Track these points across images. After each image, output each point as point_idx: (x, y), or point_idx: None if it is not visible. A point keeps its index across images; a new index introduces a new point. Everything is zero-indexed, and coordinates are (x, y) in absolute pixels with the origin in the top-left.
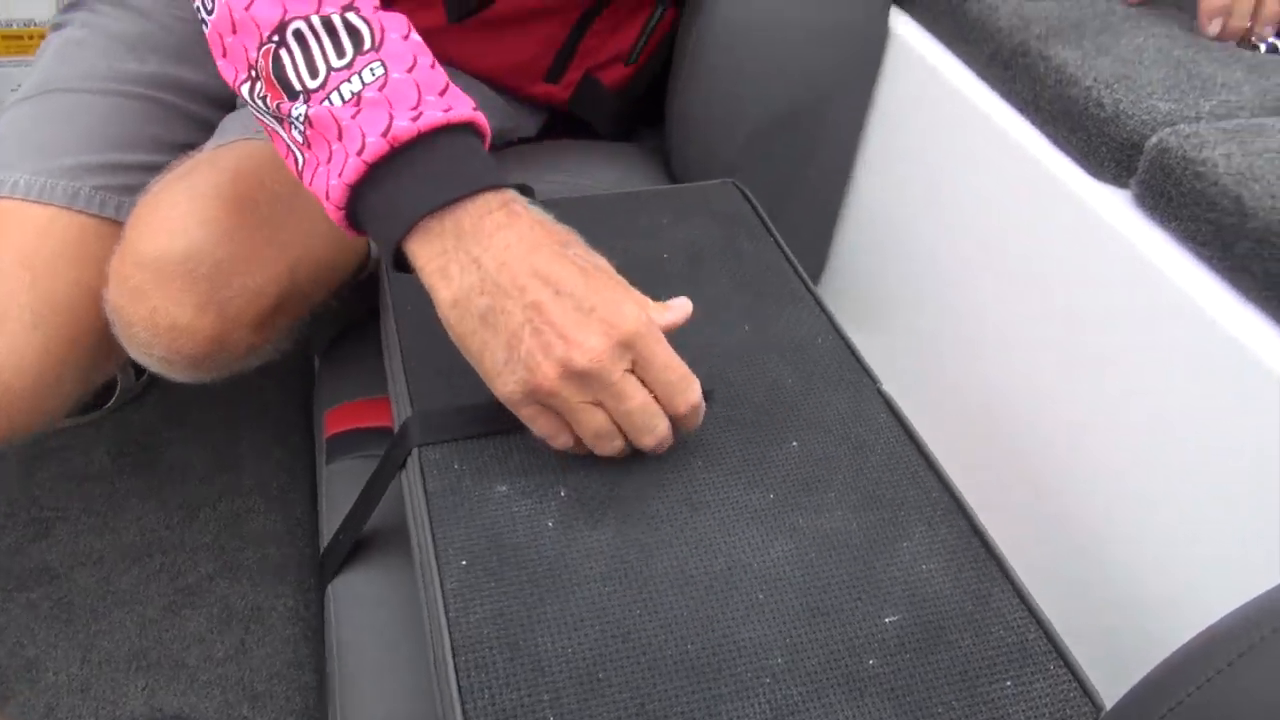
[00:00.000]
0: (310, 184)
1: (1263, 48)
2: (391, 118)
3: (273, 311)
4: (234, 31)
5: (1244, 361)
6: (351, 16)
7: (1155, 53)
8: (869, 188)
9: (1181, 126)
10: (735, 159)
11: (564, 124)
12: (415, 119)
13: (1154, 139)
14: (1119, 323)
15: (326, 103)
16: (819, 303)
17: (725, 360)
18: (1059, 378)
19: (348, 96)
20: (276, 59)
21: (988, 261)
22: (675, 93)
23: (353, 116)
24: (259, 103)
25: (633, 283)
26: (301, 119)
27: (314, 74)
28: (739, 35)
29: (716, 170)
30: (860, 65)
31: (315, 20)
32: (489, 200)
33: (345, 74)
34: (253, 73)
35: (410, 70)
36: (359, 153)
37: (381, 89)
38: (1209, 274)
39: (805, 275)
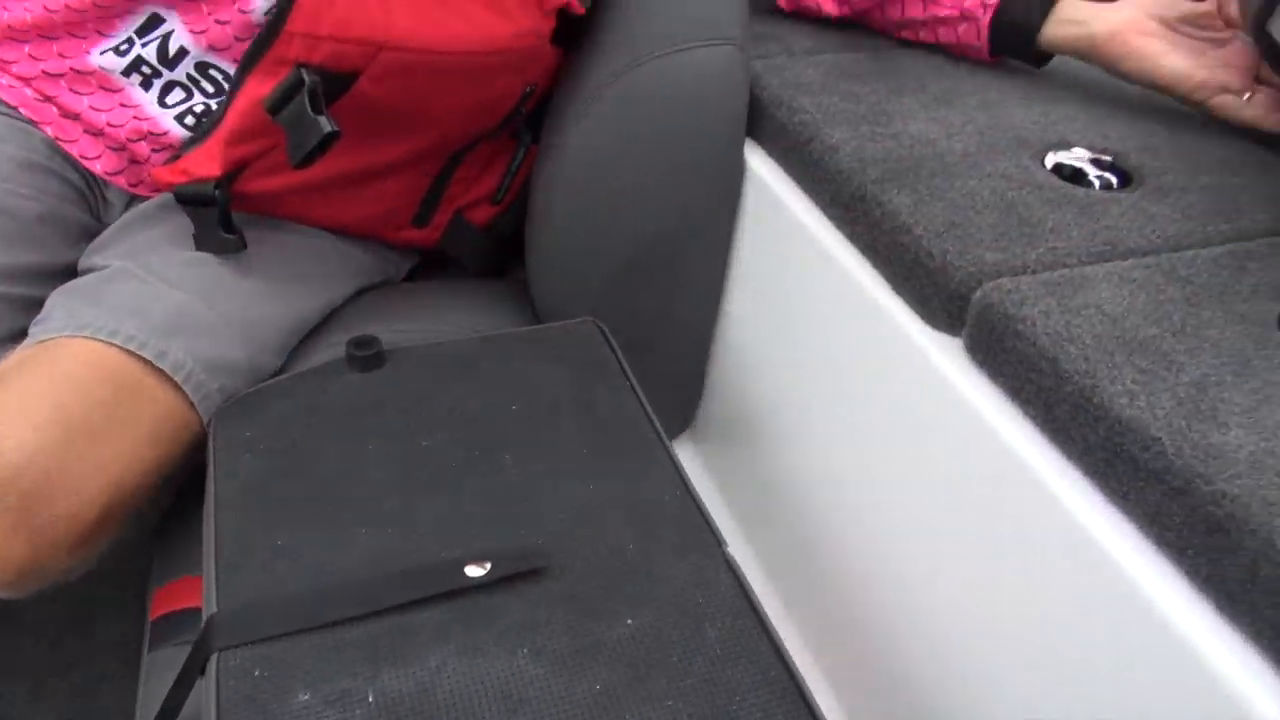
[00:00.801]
0: None
1: (1097, 184)
2: None
3: (94, 531)
4: None
5: (1070, 524)
6: None
7: (989, 196)
8: (739, 324)
9: (1004, 281)
10: (598, 295)
11: (438, 260)
12: None
13: (979, 293)
14: (959, 477)
15: None
16: (671, 457)
17: (567, 522)
18: (905, 530)
19: None
20: None
21: (840, 406)
22: (533, 231)
23: None
24: None
25: (473, 438)
26: None
27: None
28: (592, 170)
29: (580, 307)
30: (719, 199)
31: None
32: None
33: None
34: None
35: None
36: None
37: None
38: (1035, 431)
39: (659, 426)
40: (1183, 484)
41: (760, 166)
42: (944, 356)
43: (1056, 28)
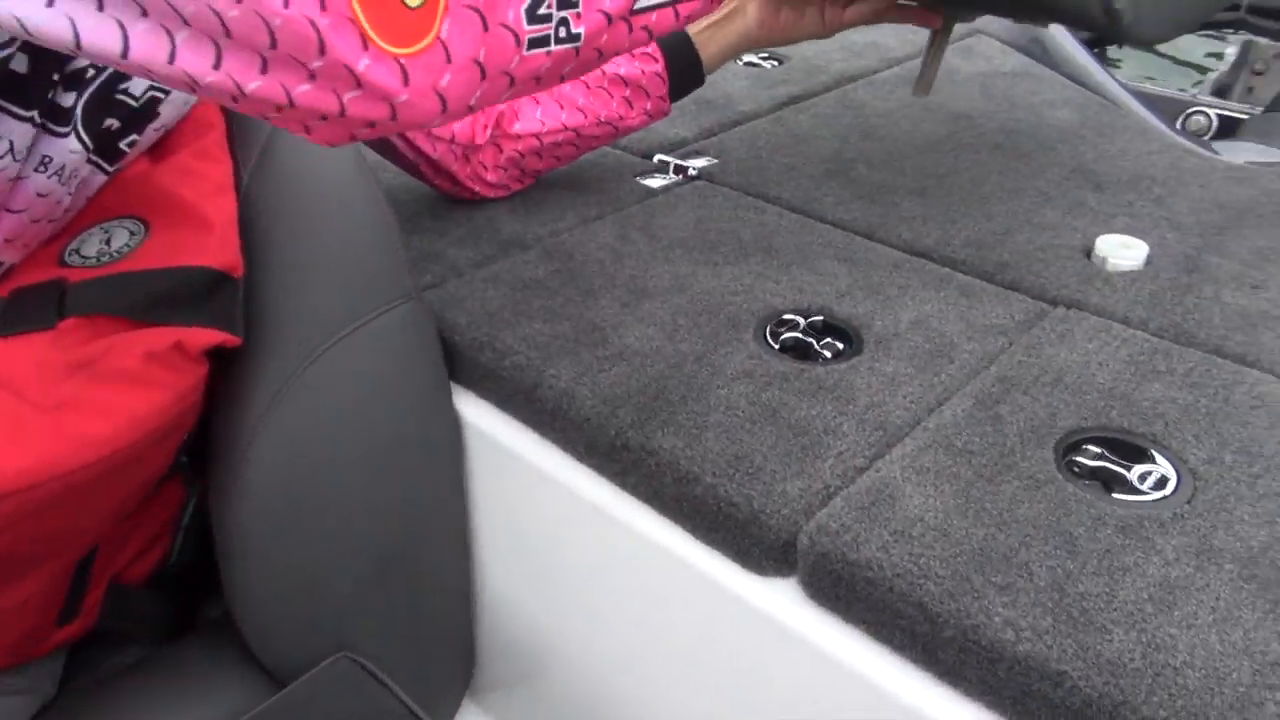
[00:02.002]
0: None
1: (829, 355)
2: None
3: None
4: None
5: None
6: None
7: (747, 406)
8: (500, 581)
9: (821, 517)
10: (333, 619)
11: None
12: None
13: (804, 539)
14: None
15: None
16: None
17: None
18: None
19: None
20: None
21: (642, 660)
22: (231, 571)
23: None
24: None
25: None
26: None
27: None
28: (286, 487)
29: (315, 639)
30: (441, 467)
31: None
32: None
33: None
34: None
35: None
36: None
37: None
38: (917, 670)
39: None
40: (1112, 711)
41: (481, 418)
42: (774, 602)
43: (713, 46)
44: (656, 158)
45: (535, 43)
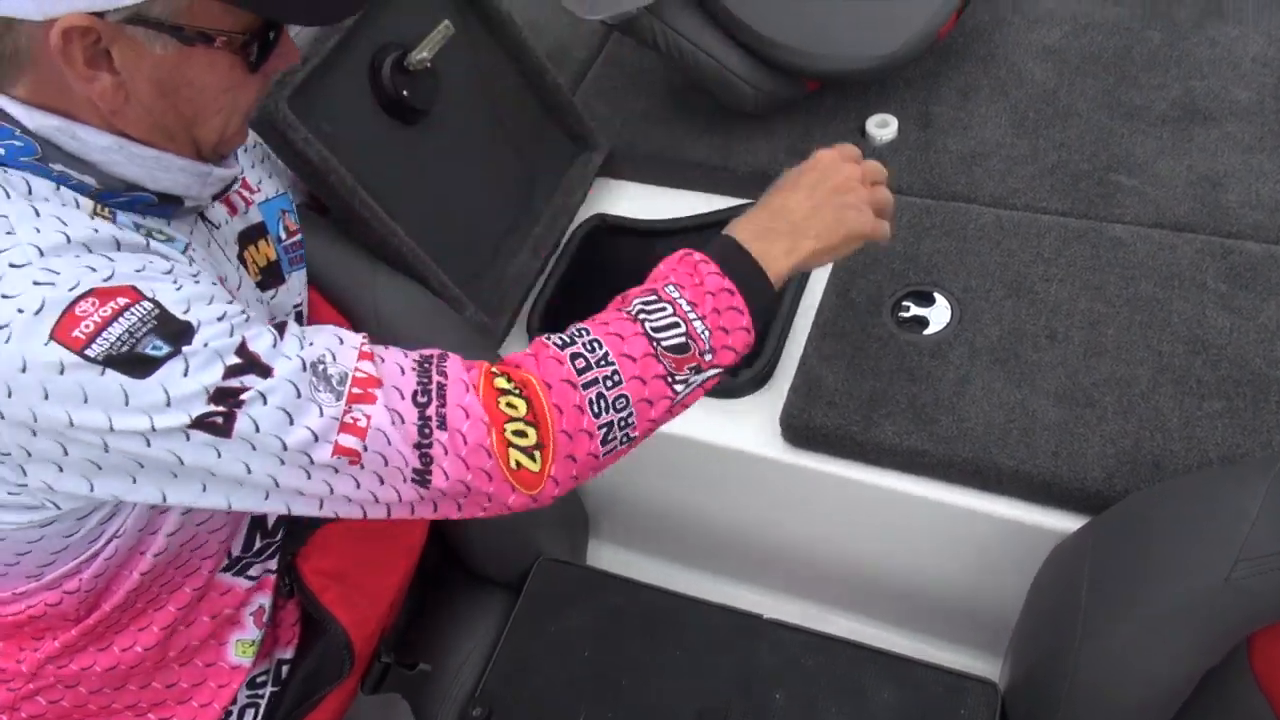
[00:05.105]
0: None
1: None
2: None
3: None
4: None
5: None
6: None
7: None
8: None
9: (791, 398)
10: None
11: None
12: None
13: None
14: None
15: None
16: None
17: None
18: None
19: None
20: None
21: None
22: None
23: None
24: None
25: None
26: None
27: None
28: None
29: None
30: None
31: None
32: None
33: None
34: (672, 376)
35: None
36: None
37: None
38: (861, 466)
39: None
40: (946, 459)
41: None
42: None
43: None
44: None
45: (607, 453)
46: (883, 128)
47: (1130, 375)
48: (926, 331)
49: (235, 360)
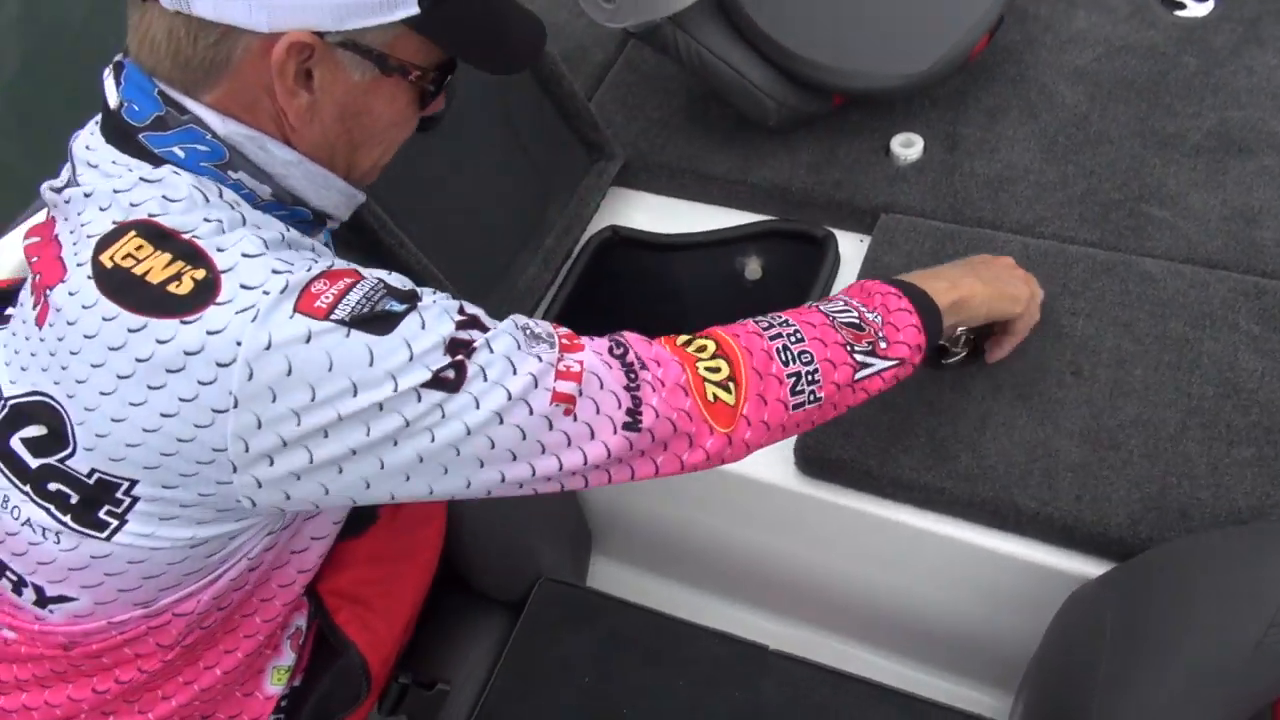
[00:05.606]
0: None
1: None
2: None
3: None
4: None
5: None
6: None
7: None
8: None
9: (815, 433)
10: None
11: None
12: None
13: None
14: None
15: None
16: None
17: None
18: None
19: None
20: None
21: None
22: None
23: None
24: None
25: None
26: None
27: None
28: None
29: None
30: None
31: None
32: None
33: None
34: (851, 346)
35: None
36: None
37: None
38: (879, 500)
39: None
40: (969, 499)
41: None
42: (786, 480)
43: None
44: None
45: (796, 406)
46: (908, 147)
47: (1158, 418)
48: (947, 362)
49: (460, 317)
